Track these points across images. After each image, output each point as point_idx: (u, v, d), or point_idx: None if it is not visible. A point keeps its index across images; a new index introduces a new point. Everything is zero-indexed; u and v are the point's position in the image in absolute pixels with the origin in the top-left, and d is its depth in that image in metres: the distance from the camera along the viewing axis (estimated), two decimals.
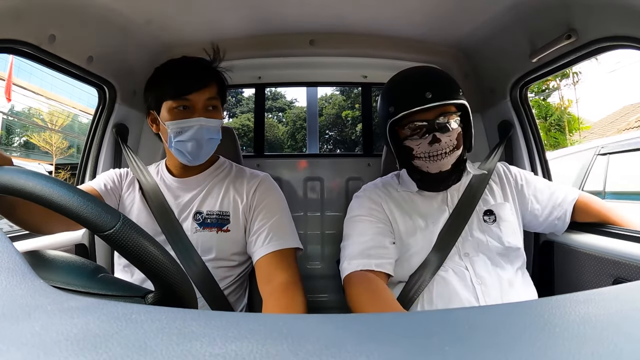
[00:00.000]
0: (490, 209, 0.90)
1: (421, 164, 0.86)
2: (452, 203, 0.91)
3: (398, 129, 0.88)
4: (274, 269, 0.81)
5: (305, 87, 1.72)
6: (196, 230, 0.87)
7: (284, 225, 0.88)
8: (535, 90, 10.32)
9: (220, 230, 0.88)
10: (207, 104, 0.86)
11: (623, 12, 0.77)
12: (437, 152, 0.83)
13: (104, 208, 0.41)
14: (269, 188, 0.93)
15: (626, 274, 0.82)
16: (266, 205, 0.90)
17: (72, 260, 0.47)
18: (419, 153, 0.85)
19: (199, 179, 0.93)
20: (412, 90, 0.84)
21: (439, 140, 0.82)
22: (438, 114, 0.83)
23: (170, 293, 0.42)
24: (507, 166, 1.01)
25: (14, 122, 15.35)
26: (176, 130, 0.85)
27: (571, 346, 0.20)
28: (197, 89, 0.85)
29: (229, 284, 0.88)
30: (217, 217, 0.88)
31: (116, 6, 0.96)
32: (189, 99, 0.85)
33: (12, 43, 0.82)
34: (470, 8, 1.03)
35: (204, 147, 0.87)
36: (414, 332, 0.23)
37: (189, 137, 0.85)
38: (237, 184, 0.93)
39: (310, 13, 1.13)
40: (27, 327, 0.21)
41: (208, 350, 0.19)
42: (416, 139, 0.84)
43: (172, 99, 0.85)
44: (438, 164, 0.84)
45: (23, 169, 0.45)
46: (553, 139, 9.84)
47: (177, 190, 0.92)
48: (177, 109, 0.85)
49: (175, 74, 0.87)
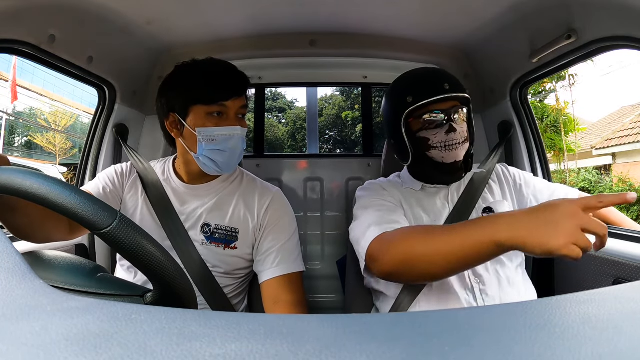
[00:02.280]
0: (489, 207, 0.91)
1: (437, 154, 0.87)
2: (452, 200, 0.92)
3: (411, 121, 0.89)
4: (281, 292, 0.82)
5: (305, 88, 1.72)
6: (203, 242, 0.84)
7: (293, 249, 0.87)
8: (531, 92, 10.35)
9: (228, 247, 0.85)
10: (240, 112, 0.83)
11: (623, 12, 0.77)
12: (453, 141, 0.85)
13: (101, 206, 0.41)
14: (280, 208, 0.90)
15: (626, 274, 0.82)
16: (277, 226, 0.88)
17: (71, 260, 0.48)
18: (435, 143, 0.86)
19: (209, 188, 0.89)
20: (431, 80, 0.87)
21: (455, 130, 0.84)
22: (453, 106, 0.85)
23: (169, 292, 0.42)
24: (506, 167, 1.02)
25: (18, 122, 15.37)
26: (210, 137, 0.80)
27: (571, 346, 0.20)
28: (236, 95, 0.81)
29: (232, 290, 0.88)
30: (225, 233, 0.85)
31: (116, 6, 0.96)
32: (226, 105, 0.80)
33: (12, 43, 0.82)
34: (470, 8, 1.03)
35: (238, 157, 0.84)
36: (414, 332, 0.23)
37: (226, 147, 0.80)
38: (249, 199, 0.89)
39: (310, 13, 1.14)
40: (27, 327, 0.21)
41: (208, 351, 0.19)
42: (432, 129, 0.86)
43: (206, 104, 0.80)
44: (454, 153, 0.86)
45: (20, 168, 0.45)
46: (549, 140, 9.87)
47: (185, 195, 0.88)
48: (212, 115, 0.80)
49: (212, 77, 0.81)
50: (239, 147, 0.83)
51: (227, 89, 0.80)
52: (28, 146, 15.45)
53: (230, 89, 0.81)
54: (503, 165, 1.03)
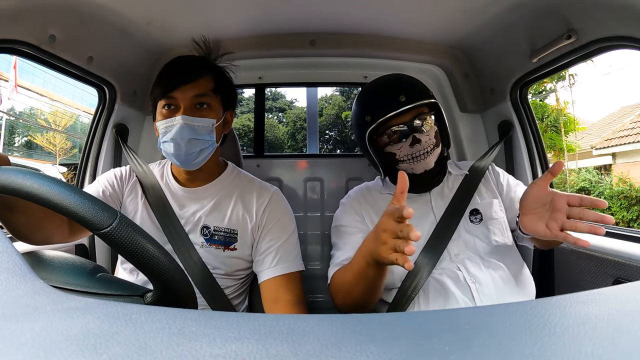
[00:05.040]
0: (476, 209, 0.90)
1: (406, 166, 0.87)
2: (436, 205, 0.91)
3: (377, 137, 0.89)
4: (281, 292, 0.82)
5: (305, 88, 1.72)
6: (202, 245, 0.84)
7: (292, 248, 0.87)
8: (531, 92, 10.36)
9: (227, 249, 0.85)
10: (194, 101, 0.80)
11: (623, 12, 0.77)
12: (419, 152, 0.85)
13: (101, 206, 0.41)
14: (279, 207, 0.90)
15: (626, 274, 0.82)
16: (276, 226, 0.87)
17: (71, 260, 0.48)
18: (402, 157, 0.86)
19: (207, 190, 0.89)
20: (385, 96, 0.85)
21: (419, 141, 0.84)
22: (414, 116, 0.85)
23: (169, 292, 0.42)
24: (492, 165, 1.02)
25: (18, 122, 15.38)
26: (162, 131, 0.81)
27: (571, 346, 0.20)
28: (182, 84, 0.79)
29: (232, 292, 0.88)
30: (224, 235, 0.85)
31: (116, 6, 0.96)
32: (173, 96, 0.80)
33: (12, 43, 0.82)
34: (470, 8, 1.03)
35: (184, 148, 0.79)
36: (414, 332, 0.23)
37: (169, 138, 0.79)
38: (247, 199, 0.89)
39: (310, 13, 1.14)
40: (27, 327, 0.21)
41: (208, 351, 0.19)
42: (397, 144, 0.86)
43: (160, 98, 0.81)
44: (422, 163, 0.86)
45: (20, 168, 0.45)
46: (549, 140, 9.87)
47: (183, 199, 0.88)
48: (164, 108, 0.81)
49: (163, 71, 0.83)
50: (184, 137, 0.79)
51: (172, 80, 0.80)
52: (28, 146, 15.45)
53: (174, 79, 0.80)
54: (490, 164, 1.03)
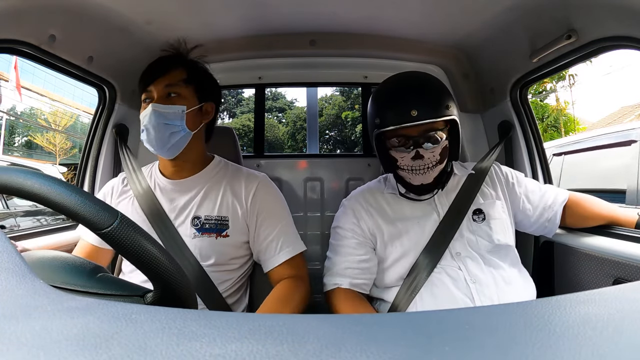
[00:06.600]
0: (479, 208, 0.90)
1: (404, 174, 0.87)
2: (439, 204, 0.91)
3: (384, 139, 0.89)
4: (287, 271, 0.87)
5: (305, 88, 1.72)
6: (195, 235, 0.85)
7: (290, 231, 0.90)
8: (532, 92, 10.38)
9: (220, 236, 0.86)
10: (165, 91, 0.85)
11: (623, 12, 0.77)
12: (419, 167, 0.84)
13: (102, 205, 0.41)
14: (268, 192, 0.92)
15: (626, 274, 0.82)
16: (269, 212, 0.89)
17: (71, 260, 0.47)
18: (402, 165, 0.86)
19: (194, 181, 0.91)
20: (398, 106, 0.82)
21: (422, 157, 0.83)
22: (423, 131, 0.83)
23: (169, 292, 0.42)
24: (498, 165, 1.02)
25: (18, 122, 15.38)
26: (141, 122, 0.86)
27: (571, 346, 0.20)
28: (155, 78, 0.86)
29: (229, 287, 0.88)
30: (215, 222, 0.87)
31: (116, 6, 0.96)
32: (149, 89, 0.86)
33: (12, 43, 0.82)
34: (470, 8, 1.03)
35: (156, 133, 0.83)
36: (414, 332, 0.23)
37: (143, 125, 0.85)
38: (235, 186, 0.91)
39: (310, 13, 1.14)
40: (27, 327, 0.21)
41: (208, 351, 0.19)
42: (401, 151, 0.85)
43: (141, 94, 0.88)
44: (420, 177, 0.86)
45: (20, 168, 0.45)
46: (549, 140, 9.92)
47: (172, 192, 0.90)
48: (144, 102, 0.87)
49: (144, 71, 0.89)
50: (154, 123, 0.83)
51: (146, 76, 0.87)
52: (28, 146, 15.46)
53: (150, 75, 0.87)
54: (495, 163, 1.03)
